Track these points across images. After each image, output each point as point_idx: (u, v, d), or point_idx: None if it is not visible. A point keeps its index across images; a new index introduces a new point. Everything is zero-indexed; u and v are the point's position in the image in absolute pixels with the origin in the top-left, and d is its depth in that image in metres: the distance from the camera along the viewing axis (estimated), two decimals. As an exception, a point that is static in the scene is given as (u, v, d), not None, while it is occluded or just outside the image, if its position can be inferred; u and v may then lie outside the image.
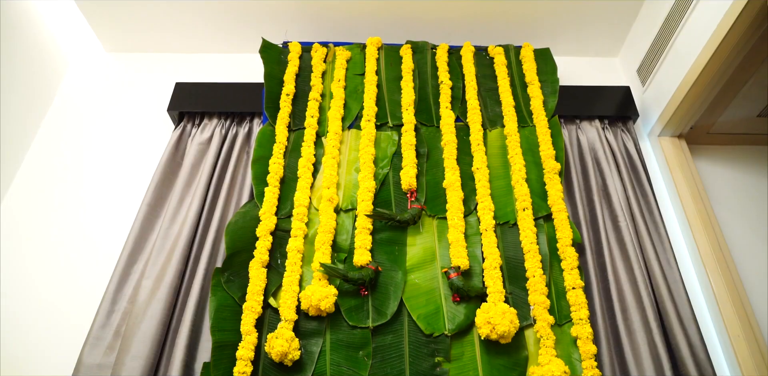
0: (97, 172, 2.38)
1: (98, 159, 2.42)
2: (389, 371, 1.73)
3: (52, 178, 2.36)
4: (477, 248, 1.97)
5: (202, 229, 2.05)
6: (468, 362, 1.76)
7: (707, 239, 2.13)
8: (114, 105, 2.61)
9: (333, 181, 2.08)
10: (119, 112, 2.59)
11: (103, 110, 2.59)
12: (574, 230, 2.00)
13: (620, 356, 1.85)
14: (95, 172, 2.38)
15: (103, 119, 2.56)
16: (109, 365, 1.77)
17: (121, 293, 1.92)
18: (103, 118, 2.56)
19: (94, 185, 2.34)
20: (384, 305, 1.84)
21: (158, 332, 1.79)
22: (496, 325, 1.72)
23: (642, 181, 2.25)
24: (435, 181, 2.14)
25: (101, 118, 2.56)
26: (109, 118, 2.57)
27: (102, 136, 2.50)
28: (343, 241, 1.98)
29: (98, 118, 2.57)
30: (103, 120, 2.56)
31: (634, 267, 1.97)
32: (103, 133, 2.51)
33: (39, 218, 2.24)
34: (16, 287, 2.06)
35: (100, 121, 2.56)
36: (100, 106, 2.61)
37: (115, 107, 2.61)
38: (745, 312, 1.98)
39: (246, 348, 1.71)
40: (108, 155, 2.44)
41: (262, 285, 1.83)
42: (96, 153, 2.44)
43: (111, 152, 2.45)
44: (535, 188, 2.12)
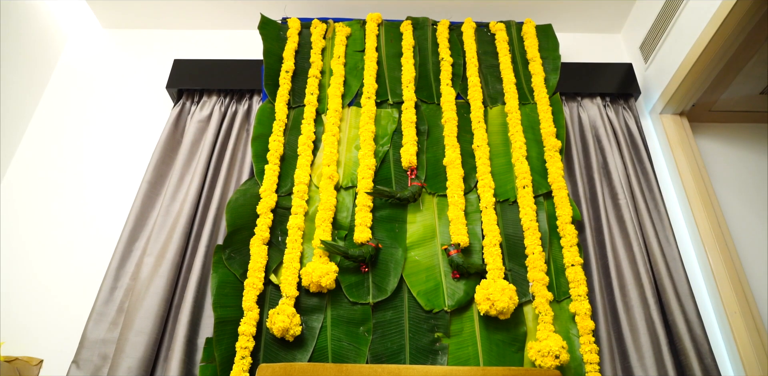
0: (96, 151, 2.38)
1: (97, 137, 2.42)
2: (389, 346, 1.76)
3: (52, 156, 2.35)
4: (477, 225, 1.98)
5: (203, 206, 2.06)
6: (467, 337, 1.78)
7: (707, 216, 2.14)
8: (112, 82, 2.60)
9: (333, 159, 2.08)
10: (117, 90, 2.57)
11: (101, 88, 2.58)
12: (574, 208, 2.00)
13: (617, 332, 1.87)
14: (94, 150, 2.38)
15: (102, 97, 2.55)
16: (112, 341, 1.79)
17: (123, 270, 1.94)
18: (101, 96, 2.55)
19: (93, 163, 2.34)
20: (384, 282, 1.86)
21: (161, 308, 1.80)
22: (495, 301, 1.73)
23: (643, 158, 2.25)
24: (435, 158, 2.14)
25: (99, 96, 2.55)
26: (108, 95, 2.55)
27: (100, 114, 2.49)
28: (343, 218, 1.99)
29: (96, 95, 2.55)
30: (102, 98, 2.54)
31: (633, 244, 1.98)
32: (101, 111, 2.50)
33: (39, 196, 2.25)
34: (18, 265, 2.07)
35: (98, 99, 2.54)
36: (98, 83, 2.59)
37: (113, 85, 2.59)
38: (743, 289, 1.99)
39: (248, 324, 1.73)
40: (107, 133, 2.43)
41: (263, 262, 1.84)
42: (95, 131, 2.43)
43: (110, 130, 2.44)
44: (535, 165, 2.12)
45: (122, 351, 1.71)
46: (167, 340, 1.80)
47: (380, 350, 1.75)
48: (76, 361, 1.75)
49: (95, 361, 1.76)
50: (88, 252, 2.10)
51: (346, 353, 1.74)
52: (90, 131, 2.43)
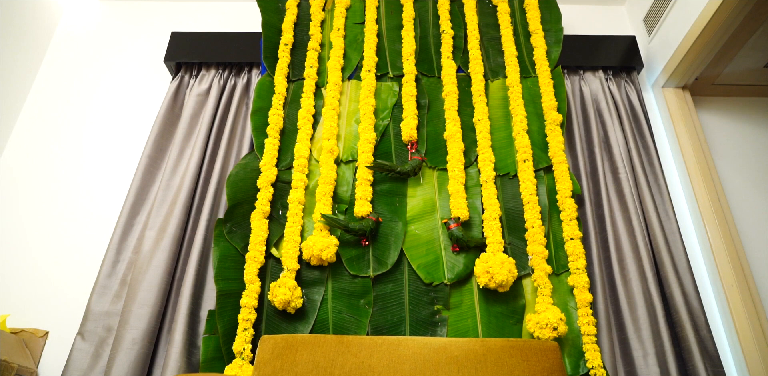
0: (95, 125, 2.37)
1: (95, 111, 2.40)
2: (390, 319, 1.78)
3: (51, 131, 2.35)
4: (477, 199, 1.98)
5: (203, 180, 2.06)
6: (467, 309, 1.80)
7: (706, 190, 2.14)
8: (109, 56, 2.57)
9: (333, 133, 2.07)
10: (115, 63, 2.55)
11: (98, 61, 2.55)
12: (574, 182, 2.01)
13: (615, 305, 1.89)
14: (93, 124, 2.37)
15: (99, 70, 2.52)
16: (116, 313, 1.81)
17: (125, 244, 1.95)
18: (98, 70, 2.53)
19: (93, 137, 2.33)
20: (384, 255, 1.87)
21: (163, 280, 1.82)
22: (494, 274, 1.75)
23: (644, 132, 2.24)
24: (436, 132, 2.13)
25: (96, 70, 2.53)
26: (105, 69, 2.53)
27: (98, 87, 2.47)
28: (343, 192, 1.99)
29: (93, 69, 2.53)
30: (99, 71, 2.52)
31: (633, 218, 1.98)
32: (99, 85, 2.48)
33: (39, 171, 2.25)
34: (22, 238, 2.09)
35: (95, 72, 2.52)
36: (95, 56, 2.57)
37: (110, 58, 2.56)
38: (740, 263, 2.01)
39: (249, 296, 1.75)
40: (105, 107, 2.41)
41: (264, 236, 1.86)
42: (93, 105, 2.42)
43: (108, 104, 2.42)
44: (536, 139, 2.11)
45: (126, 323, 1.73)
46: (170, 312, 1.83)
47: (381, 322, 1.78)
48: (81, 333, 1.77)
49: (100, 333, 1.78)
50: (90, 226, 2.11)
51: (347, 325, 1.77)
52: (88, 105, 2.42)
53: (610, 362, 1.74)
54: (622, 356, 1.81)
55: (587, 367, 1.71)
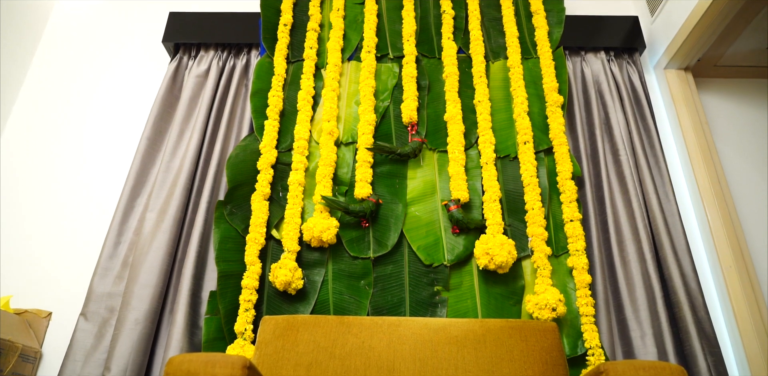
0: (93, 107, 2.36)
1: (94, 93, 2.39)
2: (390, 300, 1.79)
3: (49, 113, 2.34)
4: (477, 181, 1.98)
5: (203, 162, 2.05)
6: (466, 290, 1.82)
7: (707, 172, 2.14)
8: (107, 36, 2.55)
9: (333, 115, 2.06)
10: (113, 44, 2.52)
11: (96, 42, 2.53)
12: (575, 164, 2.00)
13: (614, 286, 1.90)
14: (91, 106, 2.36)
15: (97, 52, 2.50)
16: (118, 294, 1.83)
17: (126, 226, 1.96)
18: (96, 51, 2.50)
19: (91, 119, 2.32)
20: (385, 237, 1.88)
21: (165, 262, 1.83)
22: (494, 256, 1.76)
23: (645, 114, 2.23)
24: (436, 114, 2.13)
25: (95, 51, 2.50)
26: (103, 50, 2.51)
27: (96, 68, 2.46)
28: (343, 174, 1.99)
29: (91, 50, 2.51)
30: (97, 53, 2.50)
31: (633, 200, 1.99)
32: (96, 66, 2.46)
33: (39, 153, 2.24)
34: (24, 221, 2.09)
35: (93, 53, 2.50)
36: (93, 38, 2.54)
37: (108, 39, 2.54)
38: (739, 244, 2.02)
39: (251, 278, 1.76)
40: (103, 88, 2.40)
41: (264, 217, 1.86)
42: (91, 87, 2.41)
43: (106, 85, 2.41)
44: (536, 121, 2.10)
45: (128, 304, 1.75)
46: (172, 293, 1.84)
47: (381, 303, 1.79)
48: (84, 313, 1.79)
49: (102, 313, 1.80)
50: (90, 208, 2.11)
51: (347, 306, 1.78)
52: (86, 87, 2.41)
53: (608, 342, 1.76)
54: (620, 337, 1.82)
55: (585, 347, 1.72)
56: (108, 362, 1.66)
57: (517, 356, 1.51)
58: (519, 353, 1.52)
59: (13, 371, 1.68)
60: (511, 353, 1.52)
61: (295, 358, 1.49)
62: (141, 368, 1.67)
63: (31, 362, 1.77)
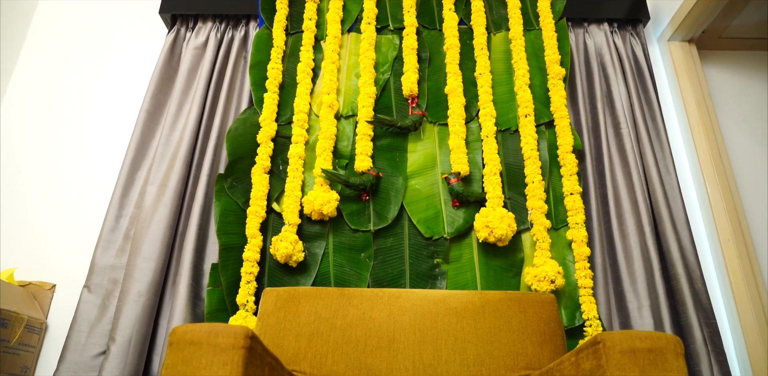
0: (91, 79, 2.33)
1: (91, 65, 2.37)
2: (390, 272, 1.81)
3: (47, 87, 2.32)
4: (477, 154, 1.98)
5: (203, 135, 2.05)
6: (466, 263, 1.83)
7: (708, 146, 2.13)
8: (104, 7, 2.51)
9: (333, 87, 2.05)
10: (110, 15, 2.49)
11: (92, 14, 2.49)
12: (575, 137, 2.00)
13: (612, 258, 1.92)
14: (89, 78, 2.34)
15: (93, 23, 2.47)
16: (121, 266, 1.84)
17: (126, 199, 1.96)
18: (93, 23, 2.47)
19: (89, 92, 2.30)
20: (385, 210, 1.89)
21: (166, 235, 1.84)
22: (494, 228, 1.77)
23: (647, 87, 2.21)
24: (437, 86, 2.11)
25: (91, 23, 2.47)
26: (100, 21, 2.47)
27: (93, 40, 2.42)
28: (344, 147, 1.99)
29: (87, 22, 2.47)
30: (93, 24, 2.46)
31: (633, 173, 1.99)
32: (93, 38, 2.43)
33: (38, 126, 2.23)
34: (26, 194, 2.10)
35: (89, 25, 2.46)
36: (89, 8, 2.50)
37: (105, 10, 2.50)
38: (738, 218, 2.02)
39: (252, 250, 1.77)
40: (101, 61, 2.38)
41: (264, 191, 1.87)
42: (88, 59, 2.38)
43: (104, 58, 2.38)
44: (538, 94, 2.09)
45: (131, 276, 1.76)
46: (174, 266, 1.86)
47: (381, 275, 1.81)
48: (88, 286, 1.81)
49: (106, 286, 1.82)
50: (91, 181, 2.12)
51: (348, 278, 1.80)
52: (83, 59, 2.38)
53: (605, 313, 1.78)
54: (618, 308, 1.84)
55: (583, 318, 1.75)
56: (112, 333, 1.68)
57: (516, 327, 1.53)
58: (517, 324, 1.54)
59: (20, 342, 1.71)
60: (510, 324, 1.54)
61: (297, 328, 1.52)
62: (145, 338, 1.70)
63: (37, 332, 1.80)
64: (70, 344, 1.71)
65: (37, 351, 1.80)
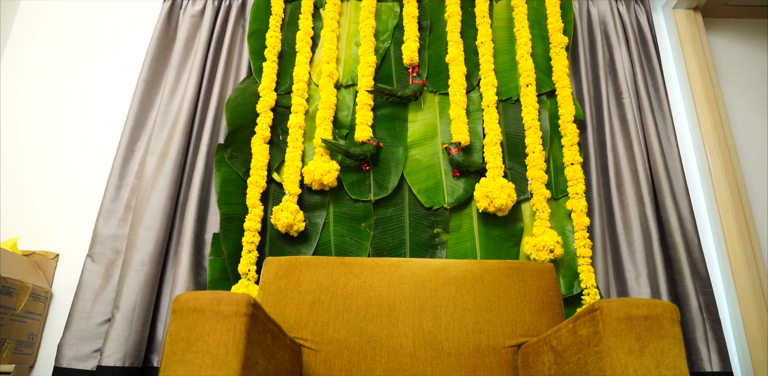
0: (88, 48, 2.30)
1: (87, 34, 2.33)
2: (390, 241, 1.82)
3: (44, 55, 2.29)
4: (478, 124, 1.97)
5: (202, 105, 2.03)
6: (466, 233, 1.84)
7: (710, 116, 2.12)
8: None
9: (333, 56, 2.02)
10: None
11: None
12: (577, 107, 1.98)
13: (611, 228, 1.93)
14: (86, 48, 2.30)
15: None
16: (123, 236, 1.85)
17: (127, 169, 1.96)
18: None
19: (87, 61, 2.28)
20: (385, 180, 1.89)
21: (167, 205, 1.85)
22: (494, 198, 1.77)
23: (651, 56, 2.18)
24: (437, 55, 2.08)
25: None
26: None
27: (89, 9, 2.38)
28: (344, 117, 1.98)
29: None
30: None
31: (634, 144, 1.98)
32: (89, 7, 2.39)
33: (37, 96, 2.21)
34: (23, 165, 2.10)
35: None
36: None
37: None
38: (738, 188, 2.03)
39: (253, 220, 1.78)
40: (97, 29, 2.34)
41: (264, 161, 1.86)
42: (85, 28, 2.34)
43: (100, 27, 2.35)
44: (540, 63, 2.07)
45: (134, 246, 1.78)
46: (176, 235, 1.87)
47: (381, 244, 1.82)
48: (91, 255, 1.82)
49: (109, 255, 1.83)
50: (91, 151, 2.11)
51: (348, 248, 1.81)
52: (80, 28, 2.34)
53: (603, 283, 1.80)
54: (615, 278, 1.86)
55: (581, 287, 1.77)
56: (117, 301, 1.70)
57: (515, 296, 1.55)
58: (516, 292, 1.56)
59: (26, 310, 1.74)
60: (509, 293, 1.56)
61: (298, 297, 1.54)
62: (149, 306, 1.73)
63: (42, 301, 1.82)
64: (75, 312, 1.73)
65: (43, 319, 1.83)
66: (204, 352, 0.99)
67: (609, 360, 1.00)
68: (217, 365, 0.98)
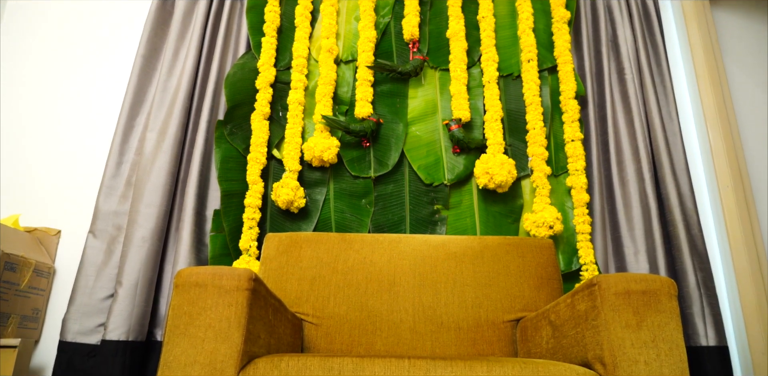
0: (85, 24, 2.27)
1: (84, 10, 2.30)
2: (390, 218, 1.83)
3: (41, 30, 2.26)
4: (479, 100, 1.96)
5: (201, 81, 2.01)
6: (465, 209, 1.85)
7: (712, 92, 2.10)
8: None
9: (332, 31, 2.00)
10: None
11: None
12: (579, 83, 1.97)
13: (611, 205, 1.93)
14: (83, 22, 2.28)
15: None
16: (124, 212, 1.86)
17: (127, 146, 1.96)
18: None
19: (84, 36, 2.25)
20: (385, 156, 1.89)
21: (168, 181, 1.85)
22: (494, 175, 1.77)
23: (654, 32, 2.16)
24: (438, 30, 2.06)
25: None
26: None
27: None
28: (344, 93, 1.96)
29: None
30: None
31: (635, 120, 1.97)
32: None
33: (36, 72, 2.20)
34: (24, 143, 2.09)
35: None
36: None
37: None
38: (738, 164, 2.02)
39: (253, 196, 1.79)
40: (94, 5, 2.31)
41: (264, 137, 1.86)
42: (81, 4, 2.31)
43: (97, 1, 2.31)
44: (541, 38, 2.04)
45: (135, 222, 1.78)
46: (177, 212, 1.87)
47: (382, 221, 1.83)
48: (92, 231, 1.83)
49: (110, 231, 1.84)
50: (91, 127, 2.10)
51: (349, 224, 1.82)
52: (77, 4, 2.31)
53: (602, 259, 1.82)
54: (614, 254, 1.88)
55: (580, 263, 1.78)
56: (119, 277, 1.72)
57: (514, 271, 1.57)
58: (515, 268, 1.57)
59: (29, 285, 1.75)
60: (508, 268, 1.57)
61: (299, 272, 1.55)
62: (151, 282, 1.74)
63: (45, 276, 1.84)
64: (79, 288, 1.75)
65: (46, 294, 1.85)
66: (206, 326, 1.00)
67: (606, 334, 1.01)
68: (219, 339, 1.00)
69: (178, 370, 0.97)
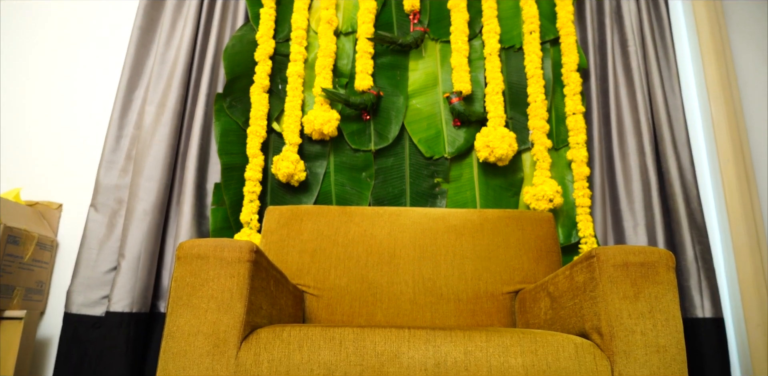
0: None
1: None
2: (391, 191, 1.84)
3: (37, 8, 2.23)
4: (480, 72, 1.94)
5: (199, 53, 1.99)
6: (466, 182, 1.85)
7: (716, 66, 2.08)
8: None
9: (332, 2, 1.97)
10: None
11: None
12: (581, 55, 1.95)
13: (611, 178, 1.93)
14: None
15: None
16: (125, 186, 1.86)
17: (126, 119, 1.95)
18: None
19: (80, 12, 2.22)
20: (386, 129, 1.88)
21: (168, 155, 1.85)
22: (494, 148, 1.77)
23: (659, 3, 2.13)
24: (439, 1, 2.03)
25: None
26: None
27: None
28: (343, 65, 1.94)
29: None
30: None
31: (637, 93, 1.96)
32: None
33: (34, 48, 2.17)
34: (23, 118, 2.08)
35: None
36: None
37: None
38: (740, 138, 2.02)
39: (253, 170, 1.79)
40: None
41: (264, 110, 1.85)
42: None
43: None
44: (544, 9, 2.01)
45: (136, 195, 1.79)
46: (177, 185, 1.88)
47: (382, 194, 1.83)
48: (94, 205, 1.84)
49: (112, 205, 1.85)
50: (89, 101, 2.09)
51: (349, 197, 1.82)
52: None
53: (601, 232, 1.83)
54: (613, 227, 1.88)
55: (579, 236, 1.79)
56: (121, 250, 1.73)
57: (513, 244, 1.58)
58: (515, 240, 1.58)
59: (33, 258, 1.77)
60: (508, 241, 1.58)
61: (300, 245, 1.56)
62: (153, 254, 1.76)
63: (48, 250, 1.85)
64: (82, 261, 1.77)
65: (50, 267, 1.87)
66: (209, 297, 1.02)
67: (604, 305, 1.03)
68: (222, 309, 1.01)
69: (181, 340, 0.99)
